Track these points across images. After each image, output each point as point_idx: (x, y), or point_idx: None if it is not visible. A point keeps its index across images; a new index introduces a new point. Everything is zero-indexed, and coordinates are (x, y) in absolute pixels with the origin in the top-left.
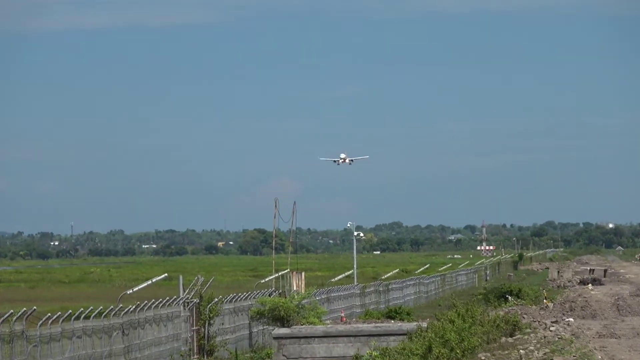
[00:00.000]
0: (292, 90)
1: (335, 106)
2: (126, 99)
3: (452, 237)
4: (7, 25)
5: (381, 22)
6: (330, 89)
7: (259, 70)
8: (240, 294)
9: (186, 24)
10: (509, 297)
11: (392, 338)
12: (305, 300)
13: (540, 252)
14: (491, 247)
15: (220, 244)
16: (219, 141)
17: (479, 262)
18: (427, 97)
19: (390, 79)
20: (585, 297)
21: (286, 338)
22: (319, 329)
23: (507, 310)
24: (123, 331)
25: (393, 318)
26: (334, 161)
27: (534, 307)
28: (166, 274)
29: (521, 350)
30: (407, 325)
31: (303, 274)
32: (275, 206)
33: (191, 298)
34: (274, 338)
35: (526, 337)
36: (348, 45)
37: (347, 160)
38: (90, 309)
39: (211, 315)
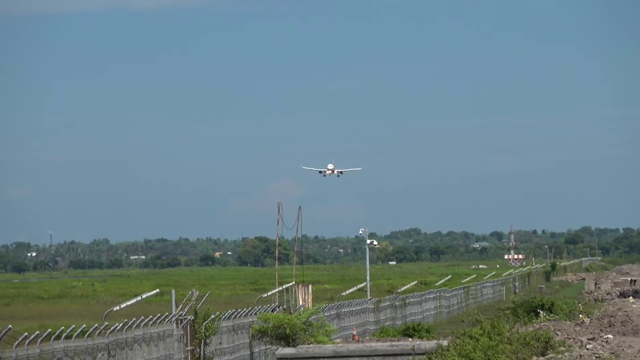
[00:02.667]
0: (295, 82)
1: (344, 99)
2: (110, 96)
3: (476, 245)
4: None
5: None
6: (338, 81)
7: (256, 62)
8: (239, 310)
9: (173, 10)
10: (541, 312)
11: (409, 358)
12: (313, 317)
13: (576, 261)
14: (520, 256)
15: (217, 254)
16: (214, 140)
17: (506, 273)
18: (448, 90)
19: (407, 70)
20: (626, 312)
21: (292, 359)
22: (328, 348)
23: (538, 326)
24: (109, 352)
25: (411, 336)
26: (320, 172)
27: (568, 322)
28: (157, 290)
29: None
30: (426, 344)
31: (310, 287)
32: (279, 211)
33: (185, 315)
34: (278, 359)
35: (560, 356)
36: (355, 36)
37: (335, 172)
38: (72, 327)
39: (207, 333)
